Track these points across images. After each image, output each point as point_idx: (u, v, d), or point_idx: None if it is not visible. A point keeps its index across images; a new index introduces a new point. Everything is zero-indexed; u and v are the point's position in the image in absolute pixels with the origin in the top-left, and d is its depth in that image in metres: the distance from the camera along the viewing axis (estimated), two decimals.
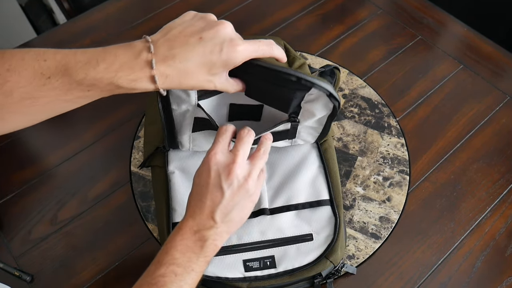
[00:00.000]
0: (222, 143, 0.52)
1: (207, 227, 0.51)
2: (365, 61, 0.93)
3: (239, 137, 0.53)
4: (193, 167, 0.69)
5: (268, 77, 0.54)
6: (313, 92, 0.57)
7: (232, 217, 0.52)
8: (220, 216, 0.51)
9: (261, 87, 0.57)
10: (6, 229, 0.74)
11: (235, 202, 0.51)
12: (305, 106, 0.60)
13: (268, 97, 0.59)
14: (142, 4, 1.03)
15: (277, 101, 0.60)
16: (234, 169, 0.51)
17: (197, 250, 0.51)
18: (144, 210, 0.75)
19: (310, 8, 1.02)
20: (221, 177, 0.51)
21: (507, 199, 0.76)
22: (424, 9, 1.02)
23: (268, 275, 0.63)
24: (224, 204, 0.51)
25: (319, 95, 0.57)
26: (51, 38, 0.98)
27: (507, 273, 0.70)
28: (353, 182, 0.77)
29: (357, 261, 0.70)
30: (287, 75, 0.53)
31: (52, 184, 0.78)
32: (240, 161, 0.51)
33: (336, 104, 0.58)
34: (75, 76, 0.45)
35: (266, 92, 0.58)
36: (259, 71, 0.53)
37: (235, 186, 0.51)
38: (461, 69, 0.92)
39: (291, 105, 0.59)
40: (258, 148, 0.55)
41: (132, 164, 0.80)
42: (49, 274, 0.69)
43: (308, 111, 0.61)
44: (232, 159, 0.51)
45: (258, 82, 0.56)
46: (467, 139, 0.83)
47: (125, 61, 0.46)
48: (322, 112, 0.60)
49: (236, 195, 0.51)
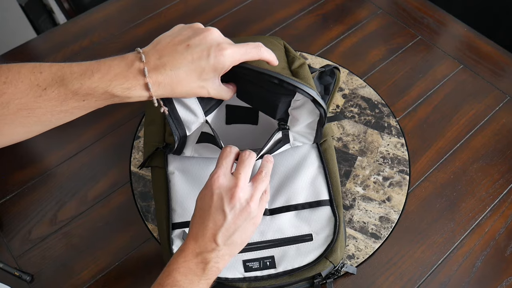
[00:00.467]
0: (225, 166, 0.53)
1: (209, 250, 0.51)
2: (365, 61, 0.93)
3: (240, 159, 0.54)
4: (193, 168, 0.70)
5: (254, 80, 0.55)
6: (298, 98, 0.58)
7: (234, 240, 0.52)
8: (222, 239, 0.51)
9: (249, 90, 0.58)
10: (6, 229, 0.74)
11: (237, 225, 0.51)
12: (292, 113, 0.61)
13: (256, 101, 0.60)
14: (142, 4, 1.03)
15: (264, 106, 0.61)
16: (237, 193, 0.51)
17: (199, 273, 0.51)
18: (144, 210, 0.75)
19: (310, 8, 1.02)
20: (223, 201, 0.51)
21: (507, 199, 0.76)
22: (424, 9, 1.02)
23: (268, 275, 0.63)
24: (226, 227, 0.51)
25: (304, 101, 0.58)
26: (51, 38, 0.98)
27: (507, 273, 0.70)
28: (353, 182, 0.77)
29: (357, 261, 0.70)
30: (270, 77, 0.54)
31: (52, 184, 0.78)
32: (242, 185, 0.52)
33: (321, 110, 0.58)
34: (71, 86, 0.46)
35: (254, 96, 0.59)
36: (245, 74, 0.54)
37: (238, 209, 0.51)
38: (461, 69, 0.92)
39: (277, 110, 0.60)
40: (260, 171, 0.55)
41: (132, 164, 0.80)
42: (49, 274, 0.69)
43: (295, 118, 0.62)
44: (235, 182, 0.52)
45: (246, 86, 0.57)
46: (467, 139, 0.83)
47: (119, 71, 0.48)
48: (310, 118, 0.61)
49: (238, 218, 0.51)
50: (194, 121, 0.61)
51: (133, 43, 0.96)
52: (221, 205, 0.51)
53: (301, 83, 0.56)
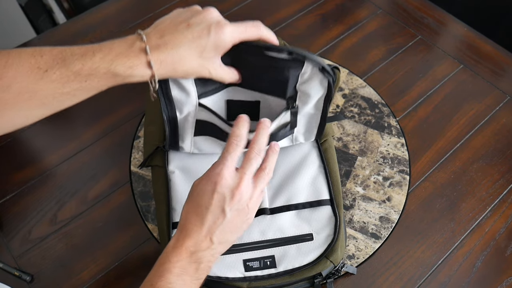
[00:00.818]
0: (231, 162, 0.51)
1: (204, 248, 0.51)
2: (365, 61, 0.93)
3: (247, 157, 0.53)
4: (194, 166, 0.70)
5: (261, 58, 0.56)
6: (306, 71, 0.58)
7: (228, 239, 0.52)
8: (218, 238, 0.51)
9: (256, 73, 0.58)
10: (6, 229, 0.74)
11: (233, 225, 0.51)
12: (300, 88, 0.60)
13: (264, 83, 0.60)
14: (142, 4, 1.03)
15: (273, 86, 0.60)
16: (239, 194, 0.51)
17: (191, 273, 0.50)
18: (144, 210, 0.75)
19: (310, 8, 1.02)
20: (225, 200, 0.50)
21: (507, 199, 0.76)
22: (424, 9, 1.02)
23: (268, 275, 0.63)
24: (223, 226, 0.51)
25: (313, 73, 0.58)
26: (51, 38, 0.98)
27: (507, 273, 0.70)
28: (353, 182, 0.77)
29: (357, 261, 0.70)
30: (279, 51, 0.55)
31: (52, 184, 0.78)
32: (245, 185, 0.51)
33: (330, 79, 0.58)
34: (72, 67, 0.46)
35: (262, 78, 0.59)
36: (252, 52, 0.55)
37: (237, 209, 0.51)
38: (461, 69, 0.92)
39: (288, 86, 0.59)
40: (263, 167, 0.54)
41: (132, 164, 0.80)
42: (49, 274, 0.69)
43: (304, 94, 0.61)
44: (238, 182, 0.51)
45: (252, 69, 0.57)
46: (467, 139, 0.83)
47: (120, 51, 0.48)
48: (319, 92, 0.61)
49: (236, 219, 0.51)
50: (186, 102, 0.60)
51: None
52: (222, 205, 0.50)
53: (309, 52, 0.56)
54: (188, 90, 0.59)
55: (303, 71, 0.58)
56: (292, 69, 0.57)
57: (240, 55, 0.55)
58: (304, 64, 0.57)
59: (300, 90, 0.61)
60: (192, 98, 0.60)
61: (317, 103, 0.63)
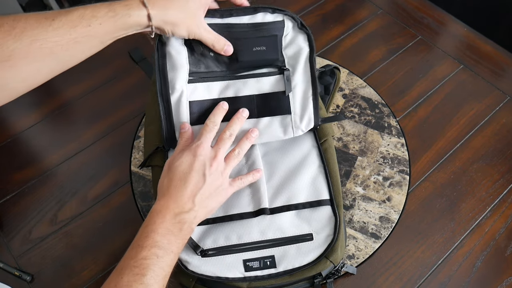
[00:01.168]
0: (208, 138, 0.61)
1: (186, 210, 0.56)
2: (365, 61, 0.93)
3: (221, 137, 0.62)
4: None
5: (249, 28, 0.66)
6: (288, 31, 0.67)
7: (208, 203, 0.59)
8: (199, 200, 0.57)
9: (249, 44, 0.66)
10: (6, 229, 0.74)
11: (211, 191, 0.58)
12: (287, 52, 0.67)
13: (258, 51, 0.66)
14: None
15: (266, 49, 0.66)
16: (216, 163, 0.59)
17: (176, 232, 0.55)
18: (144, 210, 0.75)
19: (310, 8, 1.02)
20: (205, 166, 0.58)
21: (507, 199, 0.76)
22: (424, 9, 1.02)
23: (268, 275, 0.63)
24: (204, 189, 0.57)
25: (294, 33, 0.68)
26: None
27: (507, 273, 0.70)
28: (353, 182, 0.77)
29: (357, 261, 0.70)
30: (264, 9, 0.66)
31: (52, 184, 0.78)
32: (220, 158, 0.60)
33: (309, 32, 0.67)
34: (76, 12, 0.52)
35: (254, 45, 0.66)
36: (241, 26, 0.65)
37: (214, 177, 0.59)
38: (461, 69, 0.92)
39: (278, 45, 0.67)
40: (233, 149, 0.63)
41: (132, 164, 0.80)
42: (49, 274, 0.69)
43: (291, 57, 0.67)
44: (215, 154, 0.60)
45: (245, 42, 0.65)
46: (467, 139, 0.83)
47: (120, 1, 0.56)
48: (302, 49, 0.67)
49: (213, 185, 0.59)
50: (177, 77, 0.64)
51: (133, 42, 0.96)
52: (203, 169, 0.58)
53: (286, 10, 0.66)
54: (180, 63, 0.64)
55: (285, 33, 0.67)
56: (277, 28, 0.66)
57: (231, 31, 0.65)
58: (285, 25, 0.67)
59: (286, 55, 0.67)
60: (184, 72, 0.65)
61: (305, 64, 0.67)
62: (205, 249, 0.62)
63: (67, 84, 0.90)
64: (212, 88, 0.67)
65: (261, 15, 0.66)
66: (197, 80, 0.66)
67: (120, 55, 0.94)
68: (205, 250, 0.62)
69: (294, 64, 0.67)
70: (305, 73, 0.67)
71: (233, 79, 0.67)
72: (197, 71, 0.66)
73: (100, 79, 0.91)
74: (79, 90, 0.89)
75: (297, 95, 0.67)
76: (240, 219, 0.65)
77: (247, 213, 0.65)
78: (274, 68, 0.67)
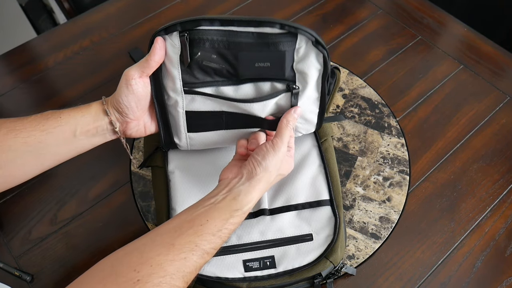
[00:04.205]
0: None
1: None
2: (365, 61, 0.93)
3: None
4: (194, 166, 0.70)
5: (254, 38, 0.57)
6: (301, 45, 0.58)
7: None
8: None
9: (252, 56, 0.58)
10: (6, 229, 0.74)
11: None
12: (298, 67, 0.60)
13: (262, 67, 0.59)
14: (142, 4, 1.03)
15: (272, 66, 0.59)
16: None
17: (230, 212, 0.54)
18: (144, 210, 0.75)
19: (310, 8, 1.02)
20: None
21: (507, 199, 0.76)
22: (424, 9, 1.02)
23: (268, 275, 0.63)
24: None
25: (308, 49, 0.58)
26: (51, 38, 0.98)
27: (507, 273, 0.70)
28: (353, 182, 0.77)
29: (357, 261, 0.70)
30: (271, 24, 0.55)
31: (52, 184, 0.78)
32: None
33: (325, 53, 0.58)
34: (50, 110, 0.58)
35: (259, 60, 0.58)
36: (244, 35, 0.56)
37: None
38: (461, 69, 0.92)
39: (285, 62, 0.59)
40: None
41: (132, 164, 0.80)
42: (49, 274, 0.69)
43: (302, 73, 0.60)
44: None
45: (248, 53, 0.57)
46: (467, 139, 0.83)
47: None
48: (316, 69, 0.60)
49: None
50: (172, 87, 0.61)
51: (133, 43, 0.96)
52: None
53: (301, 25, 0.56)
54: (173, 75, 0.59)
55: (297, 46, 0.58)
56: (287, 43, 0.57)
57: (231, 41, 0.57)
58: (298, 39, 0.57)
59: (297, 71, 0.60)
60: (177, 84, 0.60)
61: (317, 82, 0.62)
62: None
63: (67, 84, 0.90)
64: (211, 101, 0.62)
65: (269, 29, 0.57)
66: (194, 92, 0.61)
67: (120, 55, 0.94)
68: None
69: (304, 83, 0.61)
70: (315, 91, 0.63)
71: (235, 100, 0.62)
72: (194, 82, 0.61)
73: (100, 79, 0.91)
74: (79, 90, 0.89)
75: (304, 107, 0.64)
76: None
77: None
78: (281, 84, 0.61)
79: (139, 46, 0.94)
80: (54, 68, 0.93)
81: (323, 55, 0.58)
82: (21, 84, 0.90)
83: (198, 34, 0.57)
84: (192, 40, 0.57)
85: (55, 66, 0.93)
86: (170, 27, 0.56)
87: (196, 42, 0.57)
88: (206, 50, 0.58)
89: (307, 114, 0.65)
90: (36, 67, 0.93)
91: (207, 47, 0.57)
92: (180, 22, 0.56)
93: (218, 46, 0.57)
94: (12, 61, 0.95)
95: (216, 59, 0.58)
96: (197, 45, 0.57)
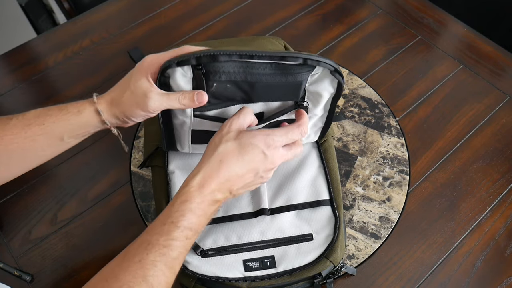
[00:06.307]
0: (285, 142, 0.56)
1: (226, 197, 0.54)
2: (365, 61, 0.93)
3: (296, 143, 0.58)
4: (194, 166, 0.69)
5: (273, 68, 0.55)
6: (317, 71, 0.57)
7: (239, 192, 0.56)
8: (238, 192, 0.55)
9: (269, 84, 0.56)
10: (6, 229, 0.74)
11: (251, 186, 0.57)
12: (310, 88, 0.59)
13: (276, 92, 0.58)
14: (142, 4, 1.03)
15: (286, 92, 0.59)
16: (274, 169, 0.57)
17: (209, 215, 0.53)
18: (144, 210, 0.75)
19: (310, 8, 1.02)
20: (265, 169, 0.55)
21: (507, 199, 0.76)
22: (424, 9, 1.02)
23: (268, 275, 0.63)
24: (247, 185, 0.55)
25: (323, 74, 0.57)
26: (51, 38, 0.98)
27: (507, 273, 0.70)
28: (353, 182, 0.77)
29: (357, 261, 0.70)
30: (293, 59, 0.53)
31: (52, 184, 0.78)
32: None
33: (340, 79, 0.57)
34: (33, 113, 0.56)
35: (275, 87, 0.57)
36: (263, 66, 0.54)
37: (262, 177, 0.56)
38: (461, 69, 0.92)
39: (301, 88, 0.58)
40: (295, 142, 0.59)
41: (132, 164, 0.80)
42: (49, 274, 0.69)
43: (313, 94, 0.60)
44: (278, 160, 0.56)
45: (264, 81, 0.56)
46: (467, 139, 0.83)
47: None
48: (328, 91, 0.59)
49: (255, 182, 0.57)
50: (180, 112, 0.60)
51: (133, 43, 0.96)
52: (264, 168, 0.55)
53: (321, 57, 0.55)
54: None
55: (314, 72, 0.57)
56: (305, 74, 0.56)
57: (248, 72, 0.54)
58: (316, 66, 0.56)
59: (308, 91, 0.60)
60: (187, 111, 0.59)
61: (326, 103, 0.62)
62: (205, 249, 0.62)
63: (67, 84, 0.90)
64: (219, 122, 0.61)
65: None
66: (204, 117, 0.60)
67: (120, 55, 0.94)
68: (205, 250, 0.62)
69: (315, 102, 0.61)
70: (322, 110, 0.63)
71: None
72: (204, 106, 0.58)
73: (100, 78, 0.91)
74: (79, 89, 0.89)
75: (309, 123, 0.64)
76: (240, 220, 0.65)
77: (246, 213, 0.65)
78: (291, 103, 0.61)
79: (139, 46, 0.94)
80: (54, 68, 0.93)
81: (338, 81, 0.57)
82: (21, 84, 0.90)
83: (214, 67, 0.53)
84: (208, 72, 0.54)
85: (55, 66, 0.93)
86: (183, 62, 0.52)
87: (211, 74, 0.54)
88: (222, 82, 0.55)
89: (311, 128, 0.67)
90: (36, 67, 0.93)
91: (223, 79, 0.54)
92: (195, 57, 0.52)
93: (235, 78, 0.55)
94: (12, 61, 0.95)
95: (230, 88, 0.56)
96: (212, 78, 0.54)
